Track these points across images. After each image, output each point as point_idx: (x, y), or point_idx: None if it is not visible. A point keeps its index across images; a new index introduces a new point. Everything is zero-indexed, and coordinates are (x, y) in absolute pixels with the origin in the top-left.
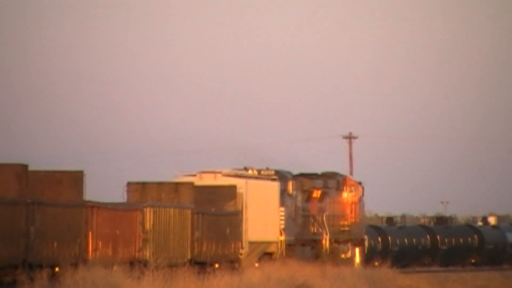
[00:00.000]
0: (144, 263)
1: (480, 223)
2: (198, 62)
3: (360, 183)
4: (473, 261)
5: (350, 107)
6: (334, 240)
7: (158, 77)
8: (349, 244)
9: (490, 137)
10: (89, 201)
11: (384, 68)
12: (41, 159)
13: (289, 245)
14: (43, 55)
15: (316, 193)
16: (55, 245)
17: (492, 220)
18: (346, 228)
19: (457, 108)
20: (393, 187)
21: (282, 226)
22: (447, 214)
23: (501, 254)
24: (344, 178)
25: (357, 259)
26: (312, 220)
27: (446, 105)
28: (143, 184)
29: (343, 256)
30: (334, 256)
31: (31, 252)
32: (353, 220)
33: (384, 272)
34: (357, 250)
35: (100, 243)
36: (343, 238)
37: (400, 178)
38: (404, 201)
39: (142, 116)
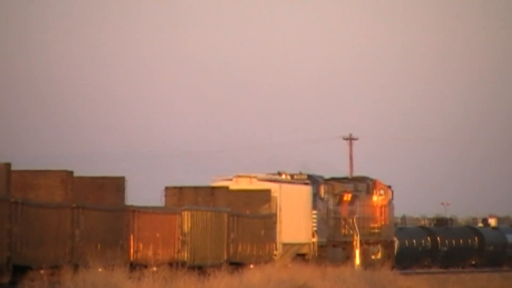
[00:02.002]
0: (182, 264)
1: (480, 225)
2: (199, 61)
3: (389, 187)
4: (473, 262)
5: (350, 108)
6: (365, 242)
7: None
8: (379, 246)
9: (490, 138)
10: (131, 206)
11: (384, 70)
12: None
13: (321, 247)
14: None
15: (347, 197)
16: (99, 247)
17: (492, 222)
18: (376, 230)
19: (457, 109)
20: (393, 188)
21: (315, 228)
22: (448, 216)
23: (501, 256)
24: (374, 182)
25: (357, 260)
26: (343, 222)
27: (446, 107)
28: (180, 189)
29: (373, 257)
30: (364, 257)
31: (76, 253)
32: (383, 222)
33: (384, 273)
34: (357, 251)
35: (141, 245)
36: (373, 239)
37: (400, 179)
38: (404, 202)
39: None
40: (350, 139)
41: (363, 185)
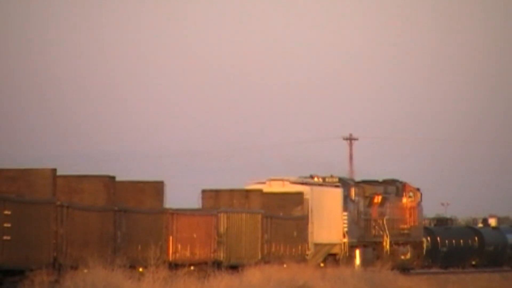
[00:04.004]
0: (218, 263)
1: (480, 225)
2: (197, 62)
3: (418, 189)
4: (473, 262)
5: (350, 108)
6: (394, 242)
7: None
8: (408, 246)
9: (490, 138)
10: (169, 208)
11: (384, 70)
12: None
13: (351, 247)
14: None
15: (377, 199)
16: (139, 247)
17: (492, 222)
18: (406, 231)
19: (457, 109)
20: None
21: (345, 229)
22: (448, 216)
23: (501, 256)
24: (403, 184)
25: (357, 260)
26: (373, 224)
27: (446, 107)
28: (217, 192)
29: (402, 257)
30: (394, 257)
31: (118, 253)
32: (412, 223)
33: (385, 274)
34: (357, 251)
35: (179, 246)
36: (402, 240)
37: (400, 179)
38: None
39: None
40: (350, 139)
41: (392, 188)
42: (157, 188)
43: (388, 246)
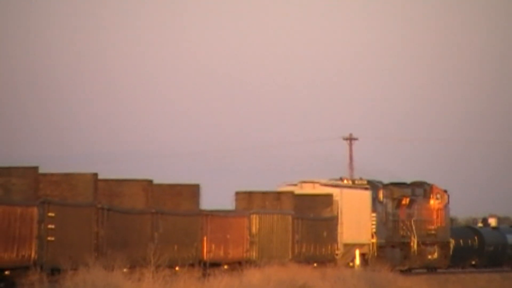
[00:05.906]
0: (251, 262)
1: (480, 225)
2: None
3: (445, 191)
4: (473, 262)
5: (350, 108)
6: (422, 242)
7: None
8: (435, 246)
9: (490, 138)
10: (204, 210)
11: (384, 70)
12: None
13: (380, 247)
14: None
15: (405, 200)
16: (176, 248)
17: (492, 222)
18: (433, 232)
19: (457, 109)
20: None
21: (374, 230)
22: None
23: (501, 256)
24: (431, 186)
25: (357, 260)
26: (401, 225)
27: (446, 107)
28: (250, 193)
29: (429, 257)
30: (421, 257)
31: (155, 254)
32: (439, 224)
33: (385, 274)
34: (357, 251)
35: (213, 246)
36: (429, 240)
37: (400, 179)
38: None
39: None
40: (350, 139)
41: (420, 190)
42: (193, 191)
43: (415, 246)
